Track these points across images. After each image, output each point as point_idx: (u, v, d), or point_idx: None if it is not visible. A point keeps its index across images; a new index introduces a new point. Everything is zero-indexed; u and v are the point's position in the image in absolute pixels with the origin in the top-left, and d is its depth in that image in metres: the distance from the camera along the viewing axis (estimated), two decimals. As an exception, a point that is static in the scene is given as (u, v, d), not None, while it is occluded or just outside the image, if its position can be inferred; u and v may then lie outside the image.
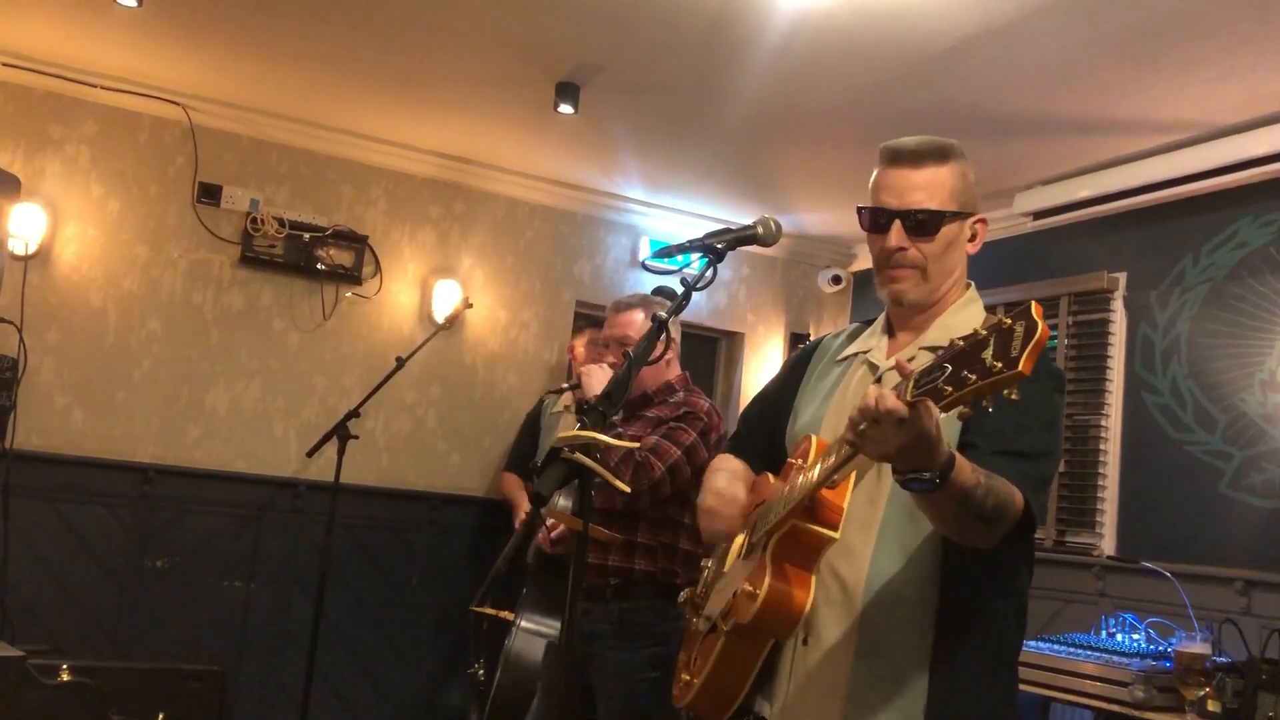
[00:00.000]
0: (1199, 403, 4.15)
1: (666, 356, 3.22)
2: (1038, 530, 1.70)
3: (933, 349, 1.74)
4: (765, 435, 2.02)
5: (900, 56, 3.66)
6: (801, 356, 2.08)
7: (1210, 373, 4.13)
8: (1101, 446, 4.48)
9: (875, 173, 1.86)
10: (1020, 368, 1.27)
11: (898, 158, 1.82)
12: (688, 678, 1.85)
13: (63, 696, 3.54)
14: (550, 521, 3.45)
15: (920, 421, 1.38)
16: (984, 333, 1.32)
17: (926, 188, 1.79)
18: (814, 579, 1.67)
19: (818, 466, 1.59)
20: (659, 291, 4.73)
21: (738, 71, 3.92)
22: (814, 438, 1.73)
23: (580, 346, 4.84)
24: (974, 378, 1.30)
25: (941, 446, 1.45)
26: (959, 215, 1.81)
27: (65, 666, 3.63)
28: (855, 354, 1.93)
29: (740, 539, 1.85)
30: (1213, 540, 4.00)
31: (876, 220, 1.82)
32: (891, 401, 1.38)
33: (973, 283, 1.90)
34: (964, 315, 1.83)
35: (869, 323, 2.00)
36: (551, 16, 3.67)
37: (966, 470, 1.51)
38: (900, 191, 1.80)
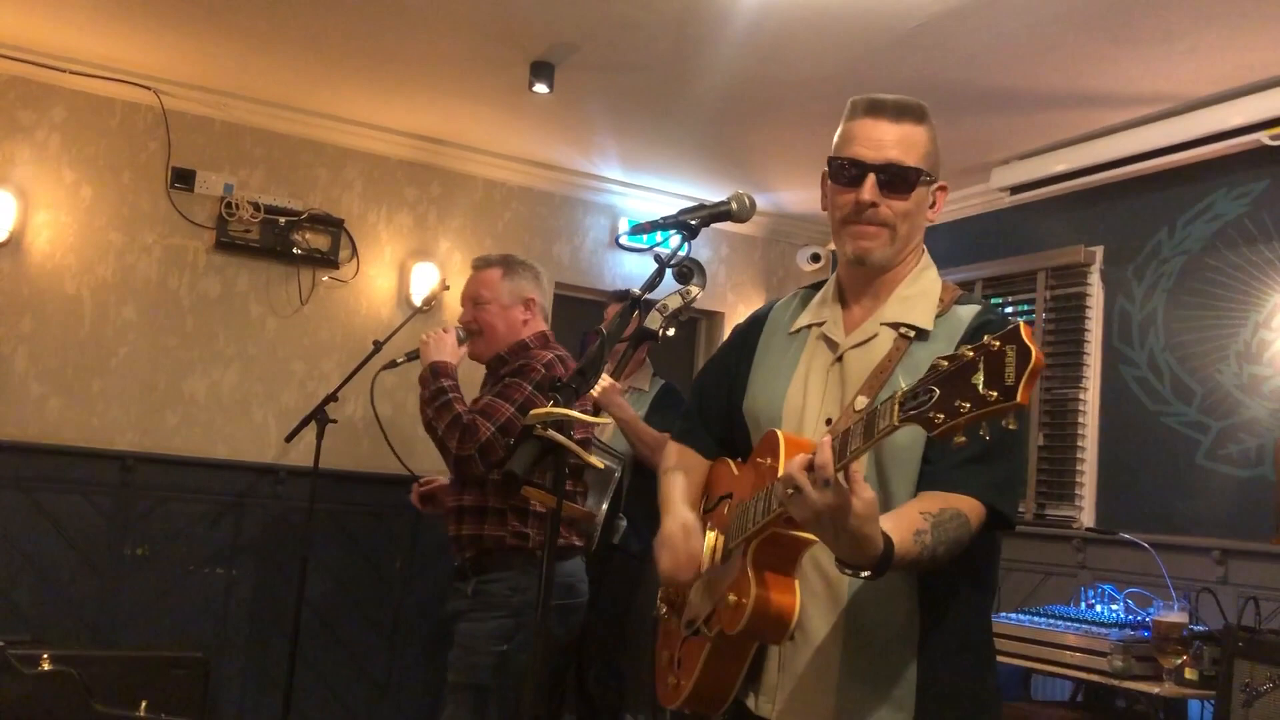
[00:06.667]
0: (1176, 375, 4.18)
1: (524, 317, 3.18)
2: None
3: (893, 325, 1.73)
4: (720, 412, 1.96)
5: (874, 32, 3.65)
6: (750, 327, 1.99)
7: (1187, 345, 4.16)
8: (1080, 420, 4.50)
9: (846, 124, 1.77)
10: (1019, 398, 1.23)
11: (876, 109, 1.73)
12: (674, 680, 1.85)
13: (44, 685, 3.52)
14: (423, 479, 3.37)
15: (841, 497, 1.39)
16: (970, 354, 1.28)
17: (903, 143, 1.72)
18: (797, 582, 1.65)
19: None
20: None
21: (712, 50, 3.90)
22: (780, 434, 1.68)
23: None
24: (968, 406, 1.26)
25: (874, 539, 1.43)
26: (930, 178, 1.76)
27: (46, 656, 3.61)
28: (810, 325, 1.86)
29: (713, 538, 1.80)
30: (1190, 511, 4.03)
31: (848, 172, 1.73)
32: (804, 464, 1.40)
33: (925, 248, 1.84)
34: (920, 285, 1.78)
35: (816, 288, 1.92)
36: (524, -5, 3.65)
37: (908, 547, 1.50)
38: (878, 144, 1.72)
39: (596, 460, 1.59)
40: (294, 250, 4.95)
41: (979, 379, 1.25)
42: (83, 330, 4.63)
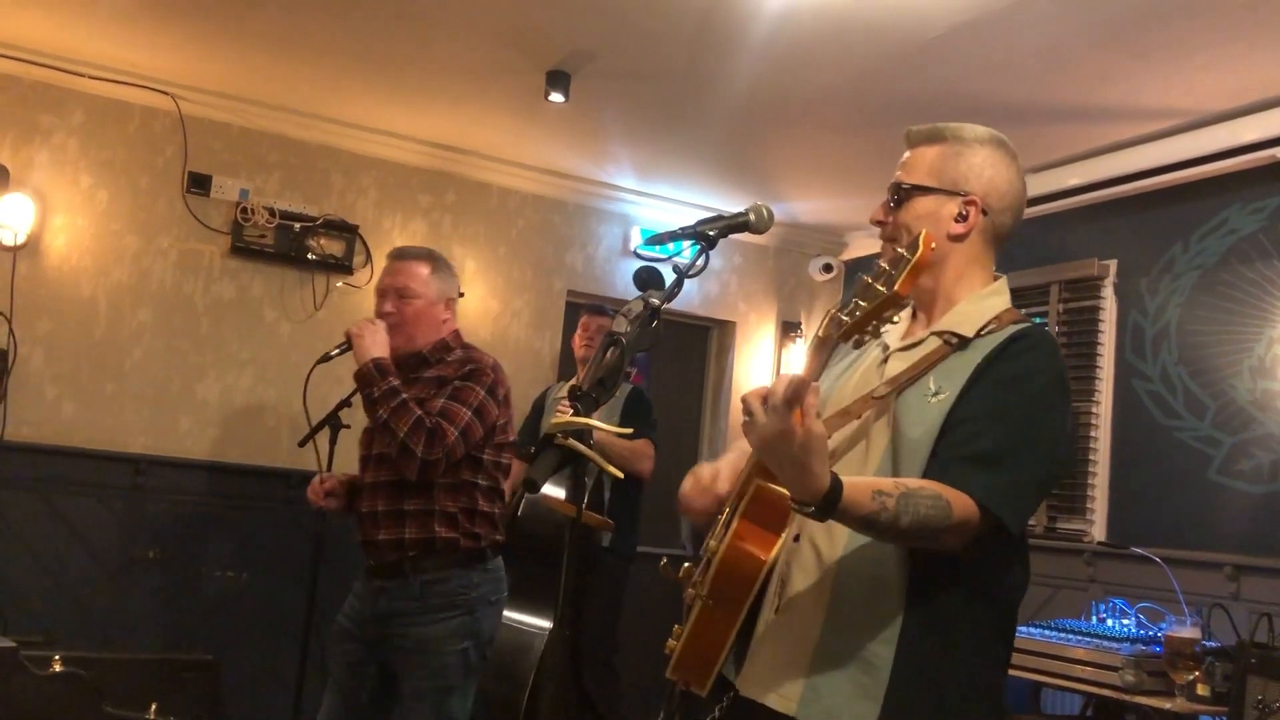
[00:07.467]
0: (1189, 389, 4.17)
1: (445, 316, 3.15)
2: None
3: (940, 334, 1.76)
4: None
5: (891, 44, 3.66)
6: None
7: (1200, 359, 4.15)
8: (1092, 433, 4.50)
9: None
10: (896, 288, 1.35)
11: (905, 139, 1.90)
12: (673, 644, 1.85)
13: (55, 687, 3.53)
14: (322, 475, 3.30)
15: (785, 422, 1.43)
16: (885, 266, 1.41)
17: (905, 165, 1.86)
18: (779, 540, 1.67)
19: None
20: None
21: (729, 60, 3.91)
22: None
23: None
24: (864, 304, 1.40)
25: (817, 474, 1.46)
26: (930, 190, 1.80)
27: (58, 657, 3.63)
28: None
29: (728, 511, 1.84)
30: (1202, 526, 4.02)
31: None
32: (763, 391, 1.46)
33: (1003, 276, 1.85)
34: (982, 305, 1.78)
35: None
36: (542, 4, 3.66)
37: (862, 499, 1.51)
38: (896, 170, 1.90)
39: (615, 470, 1.60)
40: (308, 256, 4.97)
41: (881, 283, 1.40)
42: (98, 333, 4.65)
